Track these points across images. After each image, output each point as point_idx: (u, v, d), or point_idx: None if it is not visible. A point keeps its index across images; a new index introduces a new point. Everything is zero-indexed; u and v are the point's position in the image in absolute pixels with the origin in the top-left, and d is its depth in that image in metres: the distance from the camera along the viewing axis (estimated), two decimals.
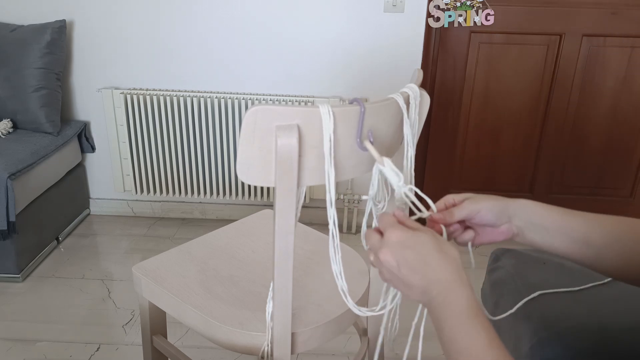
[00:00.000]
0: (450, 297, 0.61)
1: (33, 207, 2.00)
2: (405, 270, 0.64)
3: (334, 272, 0.80)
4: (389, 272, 0.66)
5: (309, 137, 0.76)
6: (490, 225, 0.77)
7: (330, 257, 0.80)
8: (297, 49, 2.17)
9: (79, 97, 2.30)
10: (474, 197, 0.76)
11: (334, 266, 0.80)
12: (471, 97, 2.23)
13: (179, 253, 1.17)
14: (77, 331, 1.71)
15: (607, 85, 2.19)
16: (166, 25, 2.16)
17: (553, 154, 2.31)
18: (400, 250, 0.64)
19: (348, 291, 0.80)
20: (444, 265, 0.62)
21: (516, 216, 0.75)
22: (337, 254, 0.79)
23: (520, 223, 0.76)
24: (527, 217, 0.75)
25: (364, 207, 2.37)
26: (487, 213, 0.75)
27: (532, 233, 0.75)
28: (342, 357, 1.62)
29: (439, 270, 0.62)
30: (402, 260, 0.64)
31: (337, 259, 0.79)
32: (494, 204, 0.75)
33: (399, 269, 0.64)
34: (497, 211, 0.75)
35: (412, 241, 0.64)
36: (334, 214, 0.77)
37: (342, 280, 0.80)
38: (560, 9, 2.09)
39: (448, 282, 0.61)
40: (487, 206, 0.75)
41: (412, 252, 0.63)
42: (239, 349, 0.96)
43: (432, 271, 0.62)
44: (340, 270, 0.80)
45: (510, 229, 0.76)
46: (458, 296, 0.61)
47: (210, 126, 2.20)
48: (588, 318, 0.94)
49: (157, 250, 2.19)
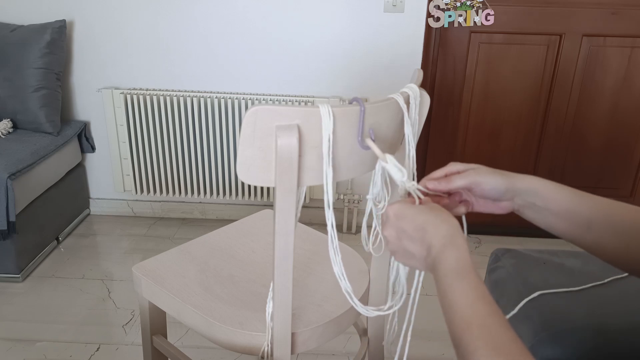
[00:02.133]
0: (441, 258, 0.62)
1: (33, 207, 2.00)
2: (405, 240, 0.66)
3: (336, 274, 0.80)
4: (393, 245, 0.68)
5: (309, 137, 0.76)
6: (491, 199, 0.76)
7: (331, 260, 0.80)
8: (297, 49, 2.17)
9: (79, 97, 2.30)
10: (479, 169, 0.75)
11: (335, 268, 0.80)
12: (471, 97, 2.23)
13: (179, 253, 1.17)
14: (77, 331, 1.71)
15: (607, 85, 2.19)
16: (166, 25, 2.16)
17: (553, 153, 2.31)
18: (398, 222, 0.67)
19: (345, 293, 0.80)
20: (440, 229, 0.64)
21: (520, 196, 0.74)
22: (337, 255, 0.79)
23: (522, 202, 0.75)
24: (531, 198, 0.74)
25: (364, 207, 2.37)
26: (490, 187, 0.74)
27: (533, 212, 0.74)
28: (342, 357, 1.62)
29: (434, 233, 0.64)
30: (400, 232, 0.67)
31: (337, 260, 0.80)
32: (499, 182, 0.74)
33: (400, 241, 0.67)
34: (500, 188, 0.74)
35: (408, 212, 0.67)
36: (332, 217, 0.78)
37: (346, 281, 0.81)
38: (560, 9, 2.09)
39: (441, 245, 0.63)
40: (490, 181, 0.73)
41: (409, 222, 0.66)
42: (239, 349, 0.96)
43: (428, 235, 0.64)
44: (342, 272, 0.80)
45: (511, 205, 0.76)
46: (448, 257, 0.61)
47: (210, 126, 2.20)
48: (588, 318, 0.94)
49: (157, 250, 2.18)
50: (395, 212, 0.67)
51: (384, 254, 1.03)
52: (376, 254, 1.03)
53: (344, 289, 0.81)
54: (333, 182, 0.78)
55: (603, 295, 1.00)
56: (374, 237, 0.94)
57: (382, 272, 1.08)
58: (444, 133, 2.29)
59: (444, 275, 0.61)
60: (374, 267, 1.09)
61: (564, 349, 0.89)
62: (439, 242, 0.63)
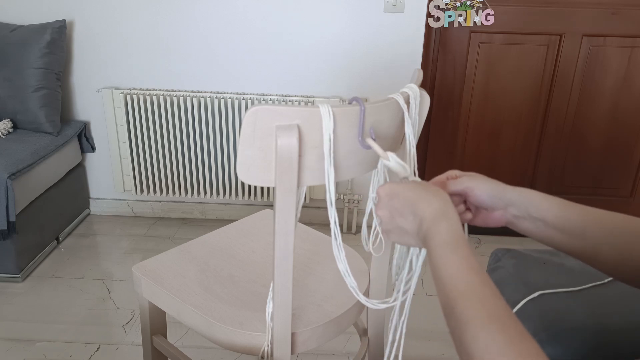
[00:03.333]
0: (433, 230, 0.63)
1: (33, 207, 2.00)
2: (398, 218, 0.67)
3: (341, 270, 0.80)
4: (386, 225, 0.69)
5: (309, 137, 0.76)
6: (485, 208, 0.77)
7: (335, 257, 0.80)
8: (297, 49, 2.17)
9: (79, 97, 2.30)
10: (473, 176, 0.77)
11: (340, 265, 0.80)
12: (471, 97, 2.23)
13: (179, 253, 1.17)
14: (77, 331, 1.71)
15: (607, 85, 2.19)
16: (166, 25, 2.16)
17: (553, 153, 2.31)
18: (390, 201, 0.68)
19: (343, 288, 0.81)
20: (431, 202, 0.65)
21: (513, 205, 0.75)
22: (341, 252, 0.80)
23: (516, 212, 0.75)
24: (524, 208, 0.74)
25: (364, 207, 2.37)
26: (482, 194, 0.75)
27: (527, 223, 0.75)
28: (342, 357, 1.62)
29: (425, 207, 0.65)
30: (392, 210, 0.68)
31: (342, 257, 0.80)
32: (491, 187, 0.75)
33: (393, 219, 0.68)
34: (493, 195, 0.75)
35: (399, 189, 0.68)
36: (334, 214, 0.78)
37: (351, 277, 0.81)
38: (560, 9, 2.09)
39: (432, 217, 0.63)
40: (483, 187, 0.75)
41: (400, 199, 0.67)
42: (239, 349, 0.96)
43: (419, 210, 0.65)
44: (346, 268, 0.80)
45: (504, 216, 0.76)
46: (440, 229, 0.62)
47: (210, 126, 2.20)
48: (588, 318, 0.94)
49: (157, 250, 2.19)
50: (387, 191, 0.69)
51: (384, 254, 1.03)
52: (376, 254, 1.04)
53: (349, 285, 0.81)
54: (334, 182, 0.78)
55: (603, 295, 1.00)
56: (374, 237, 0.94)
57: (382, 272, 1.08)
58: (444, 133, 2.29)
59: (436, 246, 0.61)
60: (374, 267, 1.09)
61: (564, 349, 0.89)
62: (431, 215, 0.64)
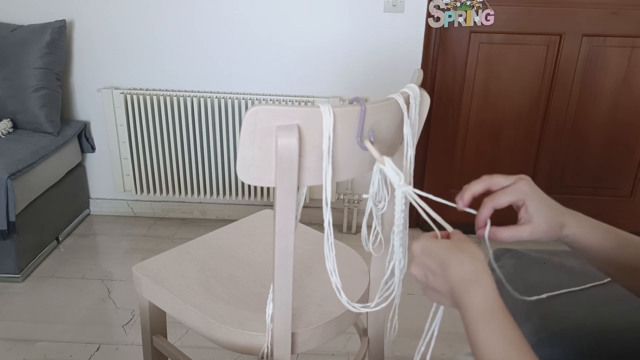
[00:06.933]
0: (465, 299, 0.59)
1: (33, 207, 2.00)
2: (431, 277, 0.64)
3: (328, 269, 0.80)
4: (421, 283, 0.66)
5: (309, 137, 0.76)
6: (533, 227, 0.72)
7: (325, 256, 0.80)
8: (297, 49, 2.17)
9: (79, 97, 2.30)
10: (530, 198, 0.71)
11: (328, 264, 0.80)
12: (471, 97, 2.23)
13: (179, 253, 1.17)
14: (77, 331, 1.71)
15: (607, 85, 2.19)
16: (166, 25, 2.16)
17: (553, 153, 2.31)
18: (423, 259, 0.65)
19: (342, 288, 0.80)
20: (463, 265, 0.61)
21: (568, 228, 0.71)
22: (331, 252, 0.80)
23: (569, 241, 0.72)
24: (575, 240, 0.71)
25: (364, 207, 2.37)
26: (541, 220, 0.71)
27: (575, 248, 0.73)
28: (342, 357, 1.62)
29: (458, 270, 0.61)
30: (426, 269, 0.64)
31: (331, 257, 0.80)
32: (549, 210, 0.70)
33: (427, 278, 0.65)
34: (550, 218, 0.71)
35: (432, 247, 0.64)
36: (329, 215, 0.78)
37: (336, 276, 0.81)
38: (560, 9, 2.09)
39: (464, 283, 0.60)
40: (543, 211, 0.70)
41: (433, 258, 0.63)
42: (239, 349, 0.96)
43: (451, 273, 0.61)
44: (334, 267, 0.80)
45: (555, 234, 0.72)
46: (472, 297, 0.59)
47: (210, 126, 2.20)
48: (588, 318, 0.94)
49: (157, 250, 2.19)
50: (421, 248, 0.65)
51: (383, 254, 1.03)
52: (376, 254, 1.04)
53: (334, 284, 0.81)
54: (333, 182, 0.78)
55: (603, 295, 1.00)
56: (373, 237, 0.94)
57: (382, 272, 1.08)
58: (444, 133, 2.29)
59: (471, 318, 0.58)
60: (374, 267, 1.09)
61: (564, 349, 0.89)
62: (463, 280, 0.60)
